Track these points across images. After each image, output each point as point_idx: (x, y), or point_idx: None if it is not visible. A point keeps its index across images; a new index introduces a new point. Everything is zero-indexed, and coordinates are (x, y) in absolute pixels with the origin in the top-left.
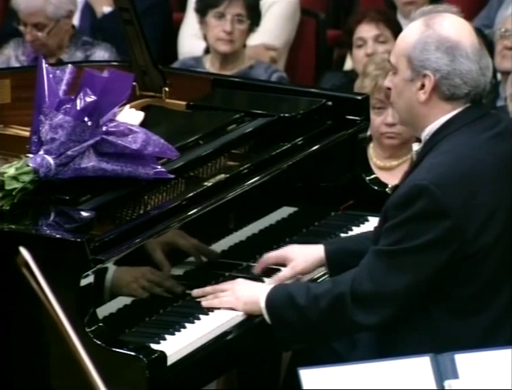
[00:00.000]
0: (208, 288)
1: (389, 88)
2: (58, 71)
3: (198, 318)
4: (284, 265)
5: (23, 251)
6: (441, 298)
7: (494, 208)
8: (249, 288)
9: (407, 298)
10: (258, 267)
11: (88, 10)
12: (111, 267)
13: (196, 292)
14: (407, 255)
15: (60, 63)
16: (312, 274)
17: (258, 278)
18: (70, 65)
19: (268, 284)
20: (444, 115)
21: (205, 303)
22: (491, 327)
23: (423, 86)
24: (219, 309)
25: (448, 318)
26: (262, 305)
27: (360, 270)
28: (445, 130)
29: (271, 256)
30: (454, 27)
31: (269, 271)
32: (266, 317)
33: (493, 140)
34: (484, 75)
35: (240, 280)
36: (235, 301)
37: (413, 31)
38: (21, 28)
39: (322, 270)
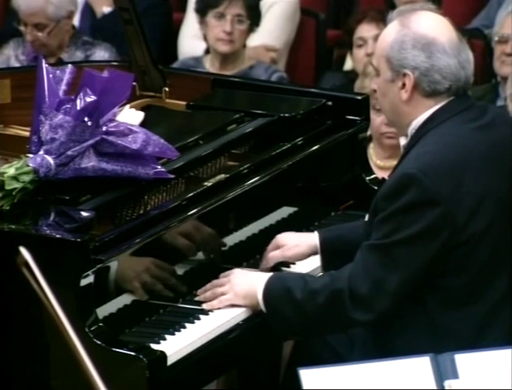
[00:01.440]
0: (207, 286)
1: (375, 91)
2: (58, 71)
3: (198, 318)
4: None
5: (23, 251)
6: (435, 289)
7: (482, 196)
8: (247, 280)
9: (404, 291)
10: (265, 265)
11: (88, 10)
12: (113, 265)
13: (199, 291)
14: (400, 247)
15: (60, 63)
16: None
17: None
18: (70, 65)
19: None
20: (428, 110)
21: (205, 306)
22: (487, 316)
23: (403, 85)
24: (219, 308)
25: (443, 309)
26: (260, 296)
27: (356, 267)
28: (430, 123)
29: (269, 249)
30: (430, 23)
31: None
32: (263, 308)
33: (480, 131)
34: (464, 69)
35: (237, 272)
36: (234, 297)
37: (390, 31)
38: (21, 28)
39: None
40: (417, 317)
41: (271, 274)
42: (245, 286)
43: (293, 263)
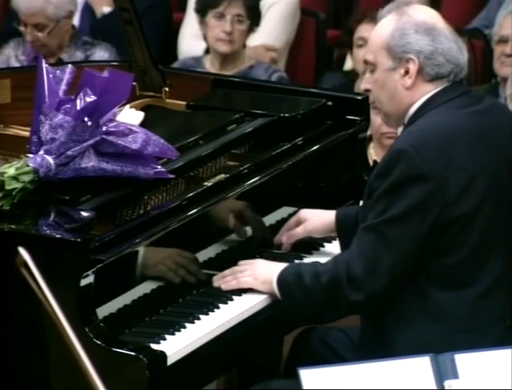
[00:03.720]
0: (227, 271)
1: (368, 90)
2: (58, 71)
3: (198, 318)
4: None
5: (22, 251)
6: (429, 270)
7: (473, 174)
8: (267, 266)
9: (399, 272)
10: (286, 242)
11: (88, 10)
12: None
13: (216, 278)
14: (391, 225)
15: (60, 63)
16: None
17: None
18: (70, 65)
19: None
20: (425, 95)
21: (224, 286)
22: (482, 297)
23: (406, 72)
24: (218, 308)
25: (437, 290)
26: (275, 281)
27: (352, 251)
28: (426, 107)
29: (291, 223)
30: (427, 13)
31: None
32: (278, 294)
33: (474, 115)
34: (462, 55)
35: (259, 260)
36: (253, 280)
37: (387, 23)
38: (21, 28)
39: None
40: (412, 299)
41: (287, 264)
42: (264, 272)
43: (292, 262)
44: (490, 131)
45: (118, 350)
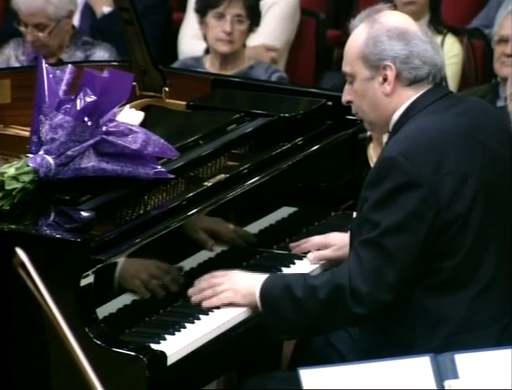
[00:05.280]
0: (203, 284)
1: (349, 101)
2: (58, 71)
3: (198, 318)
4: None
5: (19, 251)
6: (428, 275)
7: (463, 175)
8: (247, 279)
9: (404, 282)
10: (298, 248)
11: (88, 10)
12: (114, 265)
13: (192, 290)
14: (390, 236)
15: (60, 63)
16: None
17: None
18: (70, 65)
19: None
20: (408, 100)
21: (205, 304)
22: (477, 299)
23: (384, 79)
24: (218, 308)
25: (433, 296)
26: (257, 294)
27: (353, 266)
28: (409, 113)
29: (315, 240)
30: (397, 18)
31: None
32: (260, 307)
33: (457, 116)
34: (439, 54)
35: (236, 272)
36: (234, 295)
37: (359, 33)
38: (22, 28)
39: None
40: (410, 302)
41: (269, 275)
42: (245, 284)
43: (293, 263)
44: (474, 129)
45: (118, 350)
